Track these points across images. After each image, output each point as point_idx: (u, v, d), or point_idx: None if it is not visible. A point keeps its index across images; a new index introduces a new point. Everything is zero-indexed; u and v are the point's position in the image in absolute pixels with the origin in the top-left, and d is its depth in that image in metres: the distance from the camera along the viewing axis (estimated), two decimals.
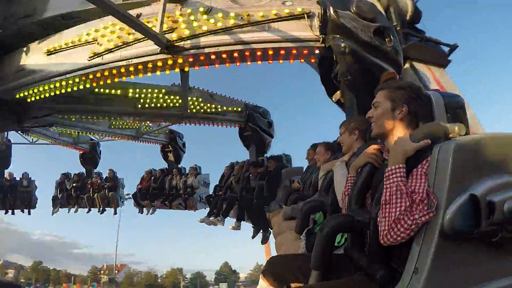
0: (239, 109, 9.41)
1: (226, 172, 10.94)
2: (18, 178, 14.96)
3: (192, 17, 4.71)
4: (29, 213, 15.20)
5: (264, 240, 8.93)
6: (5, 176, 14.46)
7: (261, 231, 8.52)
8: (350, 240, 2.34)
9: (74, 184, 14.83)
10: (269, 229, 7.92)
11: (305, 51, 4.84)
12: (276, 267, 2.63)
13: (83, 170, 15.63)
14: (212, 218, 9.84)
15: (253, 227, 8.76)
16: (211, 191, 11.73)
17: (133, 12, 4.47)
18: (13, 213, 14.79)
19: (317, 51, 4.82)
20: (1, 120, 6.58)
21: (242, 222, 9.02)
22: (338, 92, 5.22)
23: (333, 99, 5.56)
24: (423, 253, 1.76)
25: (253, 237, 9.75)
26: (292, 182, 6.45)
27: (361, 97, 4.46)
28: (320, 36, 4.62)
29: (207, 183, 12.51)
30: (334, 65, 4.84)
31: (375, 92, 2.31)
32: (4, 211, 14.50)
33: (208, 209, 10.32)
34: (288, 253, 3.34)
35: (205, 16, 4.70)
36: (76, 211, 14.88)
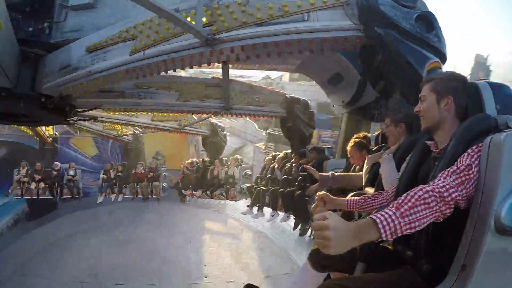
0: (280, 101, 9.37)
1: (268, 164, 10.98)
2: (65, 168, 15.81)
3: (230, 10, 4.69)
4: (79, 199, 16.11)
5: (303, 233, 8.92)
6: (53, 166, 15.24)
7: (301, 223, 8.52)
8: None
9: (118, 174, 15.55)
10: (310, 221, 7.90)
11: (346, 41, 4.76)
12: (321, 254, 2.66)
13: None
14: (256, 210, 9.98)
15: (294, 218, 8.77)
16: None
17: (171, 7, 4.50)
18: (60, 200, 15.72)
19: (357, 41, 4.73)
20: (49, 115, 6.83)
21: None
22: (382, 82, 5.11)
23: (376, 89, 5.46)
24: (472, 249, 1.71)
25: (294, 228, 9.77)
26: None
27: (405, 88, 4.36)
28: (360, 25, 4.53)
29: (249, 174, 12.59)
30: (376, 55, 4.75)
31: (421, 86, 2.26)
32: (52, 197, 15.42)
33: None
34: None
35: (243, 8, 4.69)
36: (120, 199, 15.64)
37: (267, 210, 9.60)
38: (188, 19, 4.52)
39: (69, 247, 13.83)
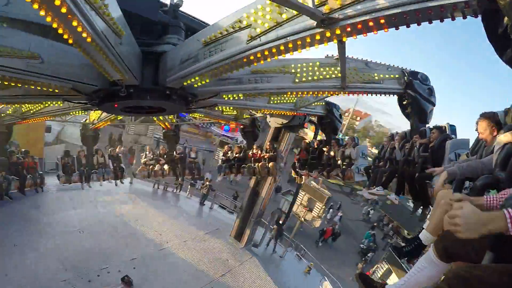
0: (397, 76, 8.91)
1: (386, 143, 10.63)
2: (187, 151, 17.81)
3: None
4: (199, 179, 18.94)
5: (422, 218, 8.52)
6: (176, 150, 17.14)
7: (421, 207, 8.10)
8: None
9: (236, 155, 16.69)
10: (430, 206, 7.50)
11: (466, 7, 4.37)
12: (449, 242, 2.53)
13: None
14: (372, 190, 9.73)
15: (413, 202, 8.39)
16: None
17: None
18: (182, 179, 17.99)
19: (479, 5, 4.31)
20: (172, 105, 7.48)
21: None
22: (510, 50, 4.61)
23: (504, 58, 4.93)
24: None
25: (412, 213, 9.38)
26: (459, 156, 6.02)
27: None
28: None
29: (366, 154, 12.33)
30: (501, 18, 4.29)
31: None
32: (175, 177, 17.51)
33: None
34: None
35: None
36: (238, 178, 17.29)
37: None
38: (300, 1, 4.50)
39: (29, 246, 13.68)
